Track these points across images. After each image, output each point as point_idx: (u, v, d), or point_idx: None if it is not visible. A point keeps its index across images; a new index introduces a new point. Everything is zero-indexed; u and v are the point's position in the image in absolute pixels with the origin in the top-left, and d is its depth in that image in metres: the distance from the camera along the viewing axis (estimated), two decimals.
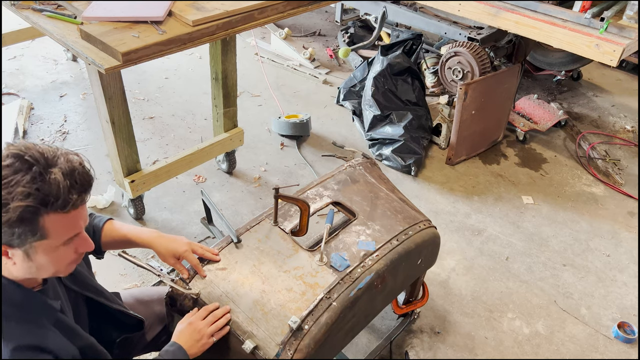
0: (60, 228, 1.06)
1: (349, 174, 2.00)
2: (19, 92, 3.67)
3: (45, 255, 1.07)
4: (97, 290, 1.42)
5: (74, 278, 1.32)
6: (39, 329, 1.11)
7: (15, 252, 1.05)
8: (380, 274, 1.64)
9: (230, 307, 1.46)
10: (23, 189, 0.99)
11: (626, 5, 2.81)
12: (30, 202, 1.00)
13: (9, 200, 0.99)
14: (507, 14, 3.09)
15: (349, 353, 2.17)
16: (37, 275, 1.13)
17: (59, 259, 1.11)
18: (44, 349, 1.08)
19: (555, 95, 4.23)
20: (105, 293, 1.45)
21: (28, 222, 1.01)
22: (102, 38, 1.97)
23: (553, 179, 3.35)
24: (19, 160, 1.01)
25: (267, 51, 4.51)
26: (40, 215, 1.02)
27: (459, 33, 3.52)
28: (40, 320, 1.13)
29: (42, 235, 1.04)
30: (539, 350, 2.31)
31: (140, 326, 1.54)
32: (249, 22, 2.29)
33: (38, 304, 1.14)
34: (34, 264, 1.07)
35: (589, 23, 2.84)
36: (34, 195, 1.00)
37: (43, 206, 1.01)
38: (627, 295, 2.60)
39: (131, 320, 1.52)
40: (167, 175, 2.69)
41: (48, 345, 1.09)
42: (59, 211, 1.04)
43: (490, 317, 2.43)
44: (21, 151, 1.02)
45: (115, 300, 1.49)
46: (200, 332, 1.39)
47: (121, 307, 1.49)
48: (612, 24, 2.77)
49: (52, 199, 1.02)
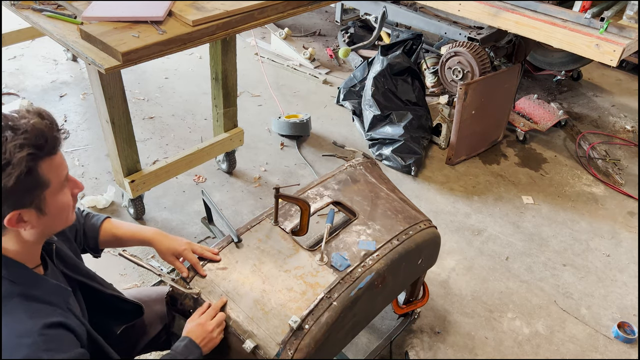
0: (55, 170, 1.09)
1: (349, 174, 2.00)
2: (19, 92, 3.67)
3: (54, 203, 1.10)
4: (89, 275, 1.40)
5: (65, 262, 1.32)
6: (55, 309, 1.13)
7: (29, 213, 1.07)
8: (381, 274, 1.64)
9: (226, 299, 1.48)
10: (14, 142, 1.01)
11: (626, 5, 2.81)
12: (28, 150, 1.01)
13: (9, 158, 1.00)
14: (507, 14, 3.09)
15: (349, 353, 2.17)
16: (53, 230, 1.16)
17: (64, 203, 1.14)
18: (66, 325, 1.11)
19: (555, 95, 4.23)
20: (97, 278, 1.44)
21: (33, 173, 1.03)
22: (102, 38, 1.97)
23: (553, 179, 3.35)
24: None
25: (267, 51, 4.51)
26: (38, 164, 1.04)
27: (459, 33, 3.52)
28: (55, 302, 1.14)
29: (45, 183, 1.07)
30: (539, 350, 2.31)
31: (140, 312, 1.53)
32: (249, 22, 2.29)
33: (52, 286, 1.16)
34: (48, 216, 1.10)
35: (589, 23, 2.84)
36: (26, 144, 1.02)
37: (38, 150, 1.04)
38: (627, 295, 2.60)
39: (128, 306, 1.50)
40: (167, 175, 2.69)
41: (70, 322, 1.12)
42: (50, 154, 1.07)
43: (490, 317, 2.43)
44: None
45: (108, 285, 1.47)
46: (210, 329, 1.40)
47: (116, 293, 1.48)
48: (612, 24, 2.77)
49: (42, 142, 1.04)
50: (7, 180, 1.00)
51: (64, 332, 1.09)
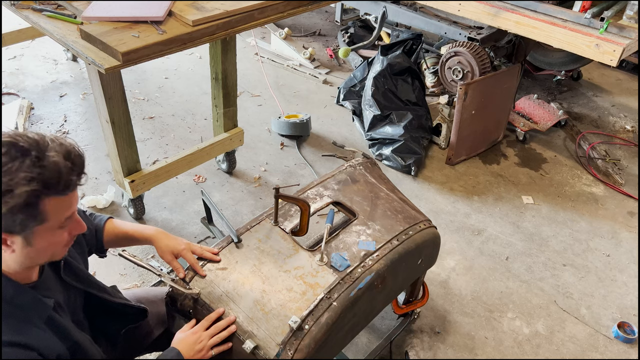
0: (58, 210, 1.08)
1: (349, 174, 2.00)
2: (19, 92, 3.67)
3: (43, 239, 1.09)
4: (100, 287, 1.42)
5: (76, 276, 1.33)
6: (25, 325, 1.11)
7: (15, 239, 1.06)
8: (381, 274, 1.63)
9: (234, 318, 1.44)
10: (25, 173, 1.00)
11: (626, 5, 2.81)
12: (34, 186, 1.01)
13: (13, 187, 0.99)
14: (507, 14, 3.09)
15: (349, 353, 2.17)
16: (35, 262, 1.14)
17: (55, 241, 1.12)
18: (27, 346, 1.08)
19: (555, 95, 4.23)
20: (107, 289, 1.45)
21: (31, 207, 1.02)
22: (102, 38, 1.97)
23: (553, 179, 3.35)
24: (13, 148, 1.02)
25: (267, 51, 4.51)
26: (42, 200, 1.03)
27: (459, 33, 3.52)
28: (29, 317, 1.12)
29: (42, 219, 1.05)
30: (539, 350, 2.31)
31: (144, 315, 1.53)
32: (249, 22, 2.28)
33: (29, 301, 1.14)
34: (33, 248, 1.09)
35: (589, 23, 2.84)
36: (37, 179, 1.01)
37: (46, 189, 1.03)
38: (627, 295, 2.60)
39: (133, 311, 1.52)
40: (167, 175, 2.69)
41: (32, 342, 1.09)
42: (59, 194, 1.05)
43: (490, 317, 2.43)
44: (14, 138, 1.03)
45: (116, 294, 1.49)
46: (201, 343, 1.39)
47: (123, 300, 1.50)
48: (612, 24, 2.77)
49: (54, 182, 1.03)
50: (3, 205, 1.00)
51: (18, 352, 1.07)
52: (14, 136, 1.04)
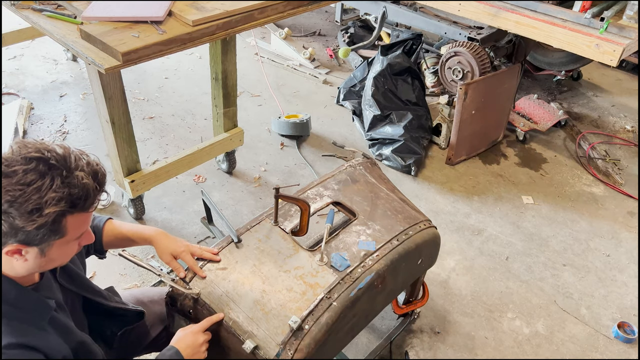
0: (78, 225, 1.10)
1: (349, 174, 2.00)
2: (19, 92, 3.67)
3: (58, 250, 1.11)
4: (94, 291, 1.42)
5: (71, 279, 1.33)
6: (30, 327, 1.12)
7: (31, 250, 1.07)
8: (381, 274, 1.63)
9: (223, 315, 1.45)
10: (55, 194, 1.01)
11: (626, 5, 2.81)
12: (63, 206, 1.03)
13: (42, 206, 1.01)
14: (507, 14, 3.09)
15: (349, 353, 2.17)
16: (43, 269, 1.15)
17: (68, 252, 1.15)
18: (33, 347, 1.09)
19: (555, 95, 4.23)
20: (102, 293, 1.45)
21: (56, 224, 1.04)
22: (102, 38, 1.97)
23: (553, 178, 3.35)
24: (42, 163, 1.03)
25: (267, 51, 4.51)
26: (66, 217, 1.05)
27: (459, 33, 3.52)
28: (33, 318, 1.13)
29: (62, 233, 1.07)
30: (539, 350, 2.31)
31: (140, 317, 1.54)
32: (249, 22, 2.29)
33: (32, 302, 1.15)
34: (45, 258, 1.10)
35: (589, 23, 2.84)
36: (65, 199, 1.03)
37: (73, 208, 1.05)
38: (627, 295, 2.60)
39: (130, 313, 1.52)
40: (167, 175, 2.69)
41: (37, 343, 1.10)
42: (82, 211, 1.08)
43: (490, 317, 2.43)
44: (42, 153, 1.04)
45: (112, 297, 1.49)
46: (200, 342, 1.39)
47: (119, 304, 1.50)
48: (612, 24, 2.77)
49: (81, 202, 1.06)
50: (28, 224, 1.01)
51: (23, 353, 1.07)
52: (42, 150, 1.04)
